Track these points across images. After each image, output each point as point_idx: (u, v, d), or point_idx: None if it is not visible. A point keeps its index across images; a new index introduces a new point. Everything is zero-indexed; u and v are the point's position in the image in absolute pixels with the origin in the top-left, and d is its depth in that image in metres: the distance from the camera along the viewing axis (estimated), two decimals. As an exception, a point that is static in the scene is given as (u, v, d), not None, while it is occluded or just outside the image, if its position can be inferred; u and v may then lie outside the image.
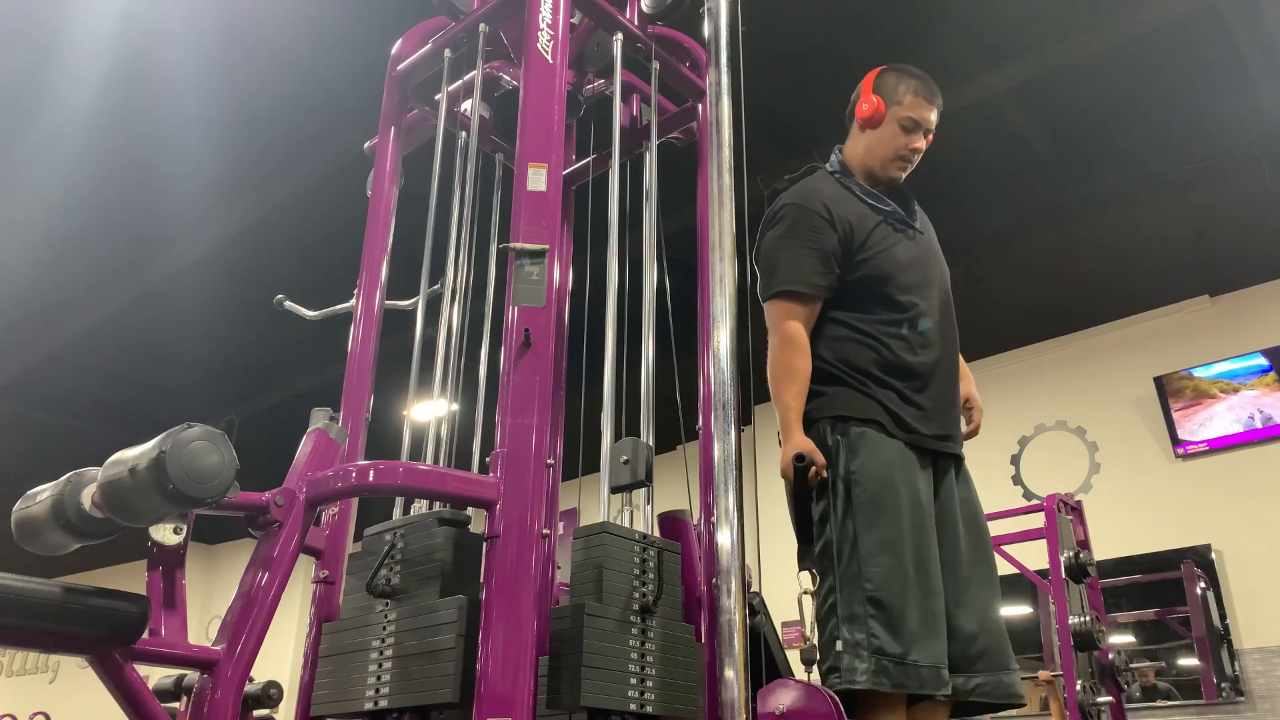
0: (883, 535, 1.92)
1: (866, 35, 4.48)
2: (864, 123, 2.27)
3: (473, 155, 2.31)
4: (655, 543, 1.82)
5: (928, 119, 2.25)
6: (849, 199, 2.21)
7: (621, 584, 1.72)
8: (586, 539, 1.75)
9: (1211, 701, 5.67)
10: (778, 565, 2.20)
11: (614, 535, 1.75)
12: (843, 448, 2.01)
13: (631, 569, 1.75)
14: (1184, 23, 4.32)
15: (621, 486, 1.84)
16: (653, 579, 1.78)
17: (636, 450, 1.82)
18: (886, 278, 2.14)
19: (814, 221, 2.14)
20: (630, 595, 1.72)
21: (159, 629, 1.50)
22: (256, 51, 4.56)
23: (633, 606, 1.72)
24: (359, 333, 2.27)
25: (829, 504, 1.99)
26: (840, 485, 1.98)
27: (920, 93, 2.24)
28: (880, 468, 1.98)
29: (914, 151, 2.26)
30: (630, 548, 1.77)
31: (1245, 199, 5.53)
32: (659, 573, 1.79)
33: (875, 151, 2.26)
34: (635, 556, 1.77)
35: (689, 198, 2.40)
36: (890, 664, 1.83)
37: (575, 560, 1.75)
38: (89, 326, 6.92)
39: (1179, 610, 5.99)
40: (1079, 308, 6.75)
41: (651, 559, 1.79)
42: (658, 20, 2.43)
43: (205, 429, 1.42)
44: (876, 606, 1.87)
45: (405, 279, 2.36)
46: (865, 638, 1.85)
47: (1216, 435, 6.13)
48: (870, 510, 1.94)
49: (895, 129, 2.23)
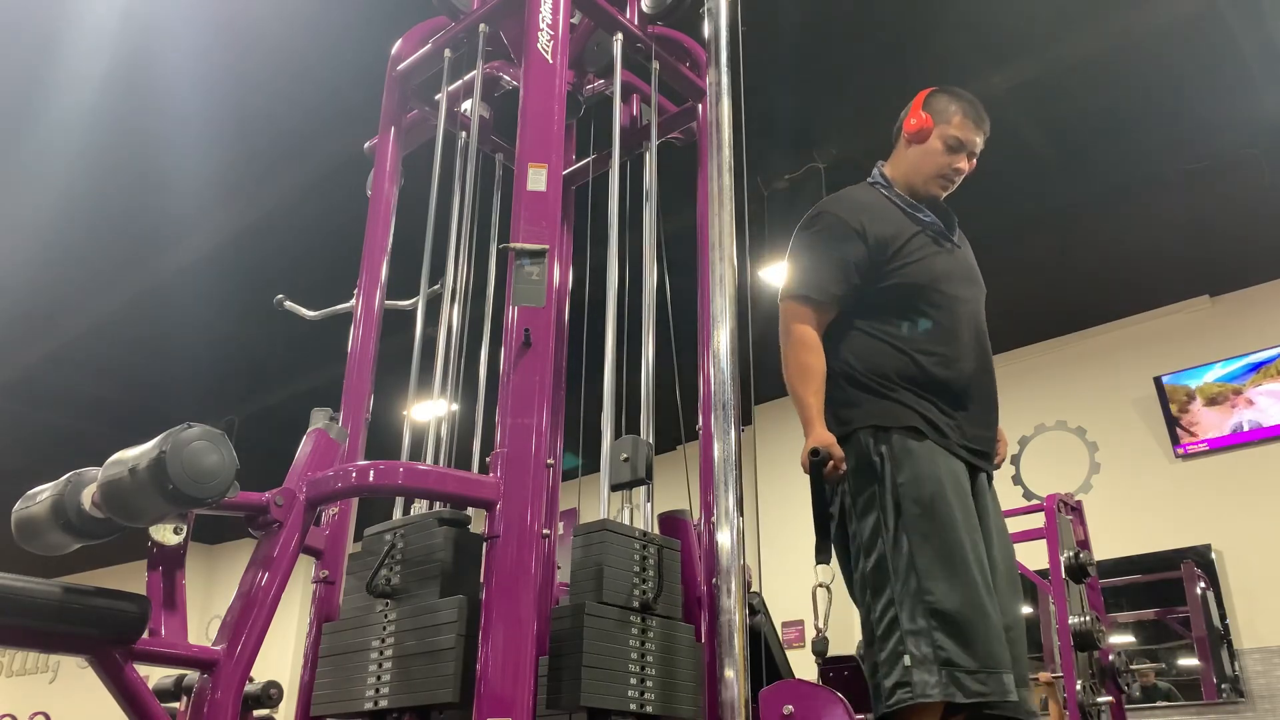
0: (941, 547, 1.90)
1: (866, 35, 4.48)
2: (911, 137, 2.29)
3: (473, 155, 2.31)
4: (655, 540, 1.83)
5: (973, 141, 2.27)
6: (889, 208, 2.22)
7: (622, 581, 1.72)
8: (587, 536, 1.76)
9: (1211, 701, 5.67)
10: (778, 565, 2.20)
11: (614, 533, 1.75)
12: (888, 460, 1.98)
13: (631, 566, 1.75)
14: (1184, 23, 4.31)
15: (622, 484, 1.84)
16: (653, 576, 1.78)
17: (636, 448, 1.82)
18: (920, 288, 2.14)
19: (844, 231, 2.15)
20: (630, 592, 1.73)
21: (159, 629, 1.50)
22: (256, 51, 4.55)
23: (633, 604, 1.72)
24: (359, 333, 2.27)
25: (879, 519, 1.96)
26: (890, 499, 1.95)
27: (969, 114, 2.27)
28: (929, 479, 1.96)
29: (956, 171, 2.28)
30: (630, 545, 1.77)
31: (1245, 199, 5.52)
32: (659, 570, 1.79)
33: (919, 167, 2.27)
34: (635, 554, 1.77)
35: (689, 198, 2.40)
36: (962, 675, 1.81)
37: (575, 558, 1.76)
38: (89, 326, 6.91)
39: (1179, 610, 5.99)
40: (1079, 308, 6.74)
41: (651, 556, 1.80)
42: (658, 20, 2.43)
43: (205, 429, 1.42)
44: (941, 619, 1.85)
45: (405, 279, 2.36)
46: (932, 650, 1.83)
47: (1216, 435, 6.13)
48: (924, 523, 1.92)
49: (940, 146, 2.26)
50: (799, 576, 2.08)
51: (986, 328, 2.25)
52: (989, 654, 1.84)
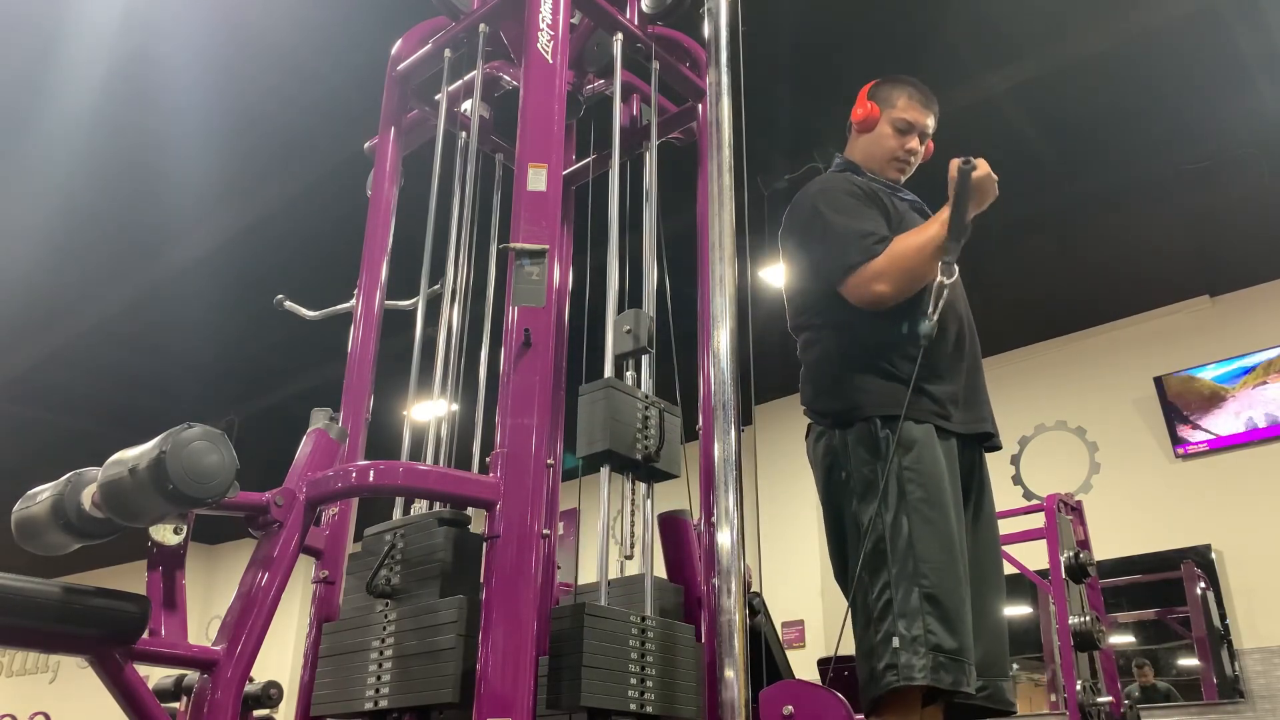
0: (938, 532, 1.91)
1: (866, 35, 4.48)
2: (859, 127, 2.30)
3: (473, 155, 2.31)
4: (658, 403, 1.91)
5: (922, 122, 2.27)
6: (871, 185, 2.21)
7: (626, 433, 1.80)
8: (592, 394, 1.82)
9: (1211, 701, 5.68)
10: (778, 565, 2.20)
11: (618, 391, 1.82)
12: (893, 442, 1.98)
13: (635, 423, 1.83)
14: (1184, 23, 4.32)
15: (625, 354, 1.89)
16: (654, 434, 1.86)
17: (638, 319, 1.88)
18: None
19: (857, 195, 2.14)
20: (633, 445, 1.81)
21: (159, 629, 1.50)
22: (256, 51, 4.56)
23: (635, 455, 1.80)
24: (359, 333, 2.27)
25: (881, 501, 1.97)
26: (894, 482, 1.95)
27: (914, 97, 2.27)
28: (933, 463, 1.97)
29: (909, 153, 2.27)
30: (634, 404, 1.84)
31: (1245, 199, 5.53)
32: (660, 427, 1.87)
33: (871, 154, 2.28)
34: (639, 412, 1.85)
35: (689, 198, 2.40)
36: (947, 660, 1.82)
37: (582, 413, 1.82)
38: (89, 326, 6.91)
39: (1179, 610, 5.99)
40: (1079, 308, 6.75)
41: (654, 416, 1.88)
42: (658, 20, 2.43)
43: (205, 429, 1.42)
44: (933, 603, 1.85)
45: (405, 279, 2.36)
46: (923, 634, 1.84)
47: (1216, 435, 6.13)
48: (926, 507, 1.92)
49: (889, 130, 2.26)
50: (799, 576, 2.08)
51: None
52: (965, 645, 1.86)
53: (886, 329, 2.07)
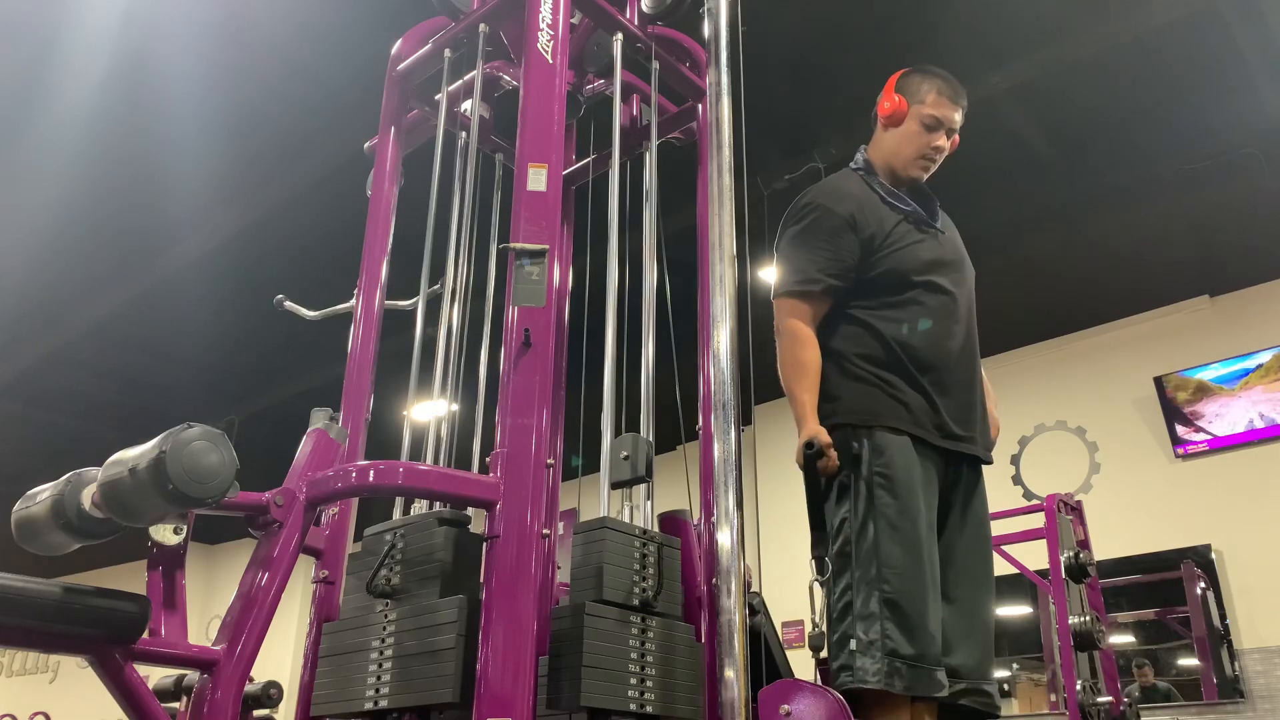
0: (904, 539, 1.92)
1: (866, 35, 4.48)
2: (886, 121, 2.27)
3: (473, 155, 2.31)
4: (655, 538, 1.83)
5: (951, 118, 2.24)
6: (871, 197, 2.21)
7: (622, 579, 1.72)
8: (587, 534, 1.76)
9: (1211, 701, 5.67)
10: (778, 565, 2.20)
11: (614, 530, 1.75)
12: (867, 449, 2.00)
13: (632, 564, 1.75)
14: (1184, 23, 4.31)
15: (622, 482, 1.84)
16: (653, 574, 1.78)
17: (636, 446, 1.82)
18: (905, 274, 2.14)
19: (833, 223, 2.15)
20: (630, 590, 1.73)
21: (159, 629, 1.50)
22: (256, 50, 4.55)
23: (633, 602, 1.72)
24: (359, 333, 2.27)
25: (851, 505, 1.98)
26: (864, 487, 1.97)
27: (943, 91, 2.24)
28: (904, 470, 1.98)
29: (936, 150, 2.26)
30: (630, 543, 1.77)
31: (1245, 199, 5.53)
32: (659, 568, 1.79)
33: (899, 151, 2.26)
34: (635, 551, 1.77)
35: (689, 198, 2.40)
36: (903, 665, 1.84)
37: (575, 556, 1.76)
38: (89, 326, 6.91)
39: (1179, 610, 5.99)
40: (1079, 308, 6.74)
41: (652, 554, 1.80)
42: (658, 20, 2.43)
43: (205, 429, 1.42)
44: (892, 609, 1.87)
45: (405, 279, 2.36)
46: (880, 639, 1.86)
47: (1216, 435, 6.13)
48: (893, 513, 1.94)
49: (918, 127, 2.23)
50: (799, 576, 2.08)
51: (974, 308, 2.25)
52: (925, 652, 1.87)
53: (868, 340, 2.10)
